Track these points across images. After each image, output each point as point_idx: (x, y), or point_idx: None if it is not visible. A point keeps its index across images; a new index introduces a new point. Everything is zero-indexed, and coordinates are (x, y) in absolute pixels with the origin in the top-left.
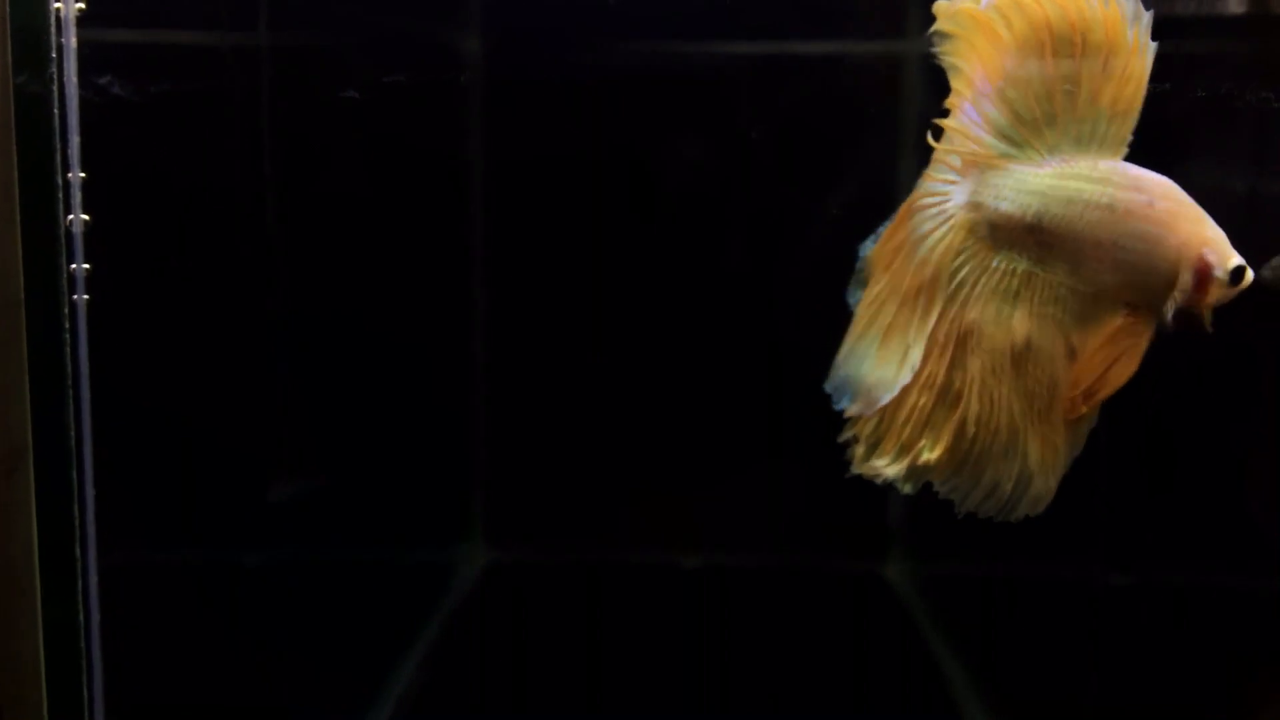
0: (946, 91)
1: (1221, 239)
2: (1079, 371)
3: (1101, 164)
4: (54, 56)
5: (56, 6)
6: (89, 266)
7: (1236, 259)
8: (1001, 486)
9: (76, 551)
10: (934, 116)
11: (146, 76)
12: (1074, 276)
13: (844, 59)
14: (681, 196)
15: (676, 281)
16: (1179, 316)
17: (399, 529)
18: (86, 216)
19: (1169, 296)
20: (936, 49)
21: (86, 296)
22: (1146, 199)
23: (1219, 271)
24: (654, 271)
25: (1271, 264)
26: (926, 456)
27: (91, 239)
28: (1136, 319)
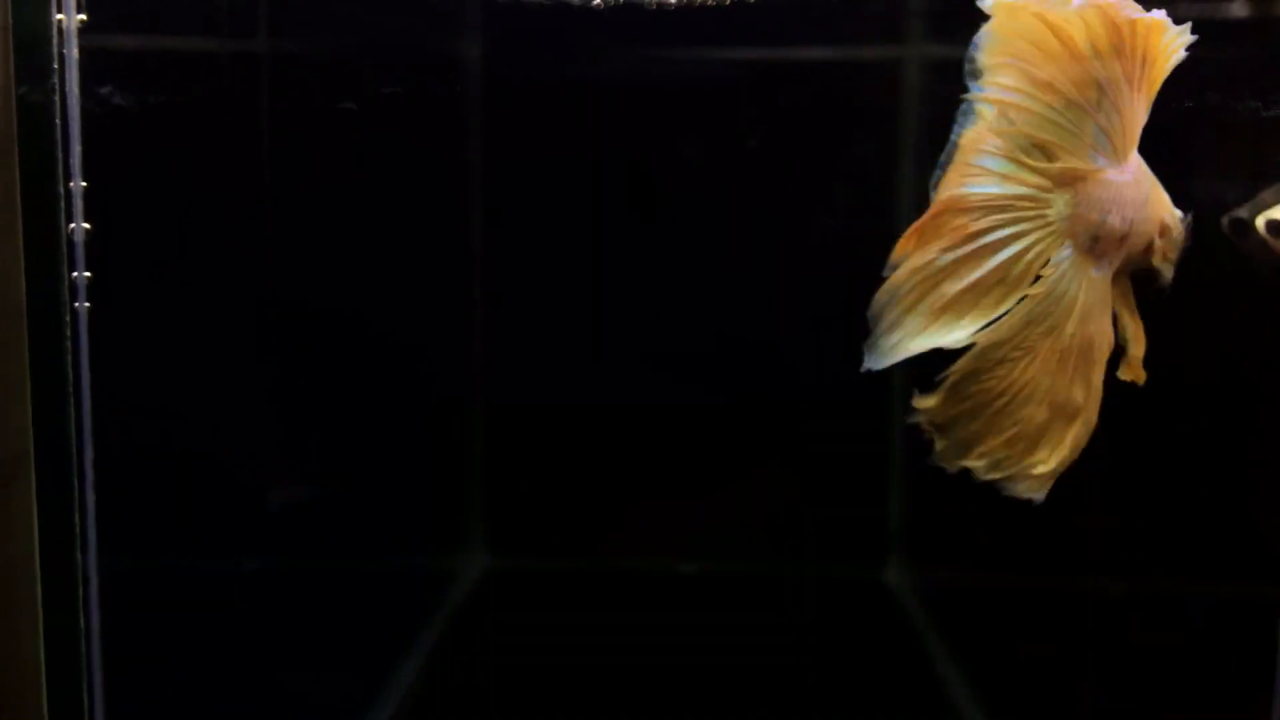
0: (945, 96)
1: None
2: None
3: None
4: (55, 67)
5: (58, 18)
6: (90, 274)
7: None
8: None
9: (77, 557)
10: (932, 121)
11: (147, 86)
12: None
13: (844, 64)
14: (681, 201)
15: (676, 287)
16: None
17: (398, 534)
18: (88, 225)
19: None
20: (989, 52)
21: (88, 304)
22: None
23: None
24: (654, 277)
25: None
26: (1042, 470)
27: (93, 247)
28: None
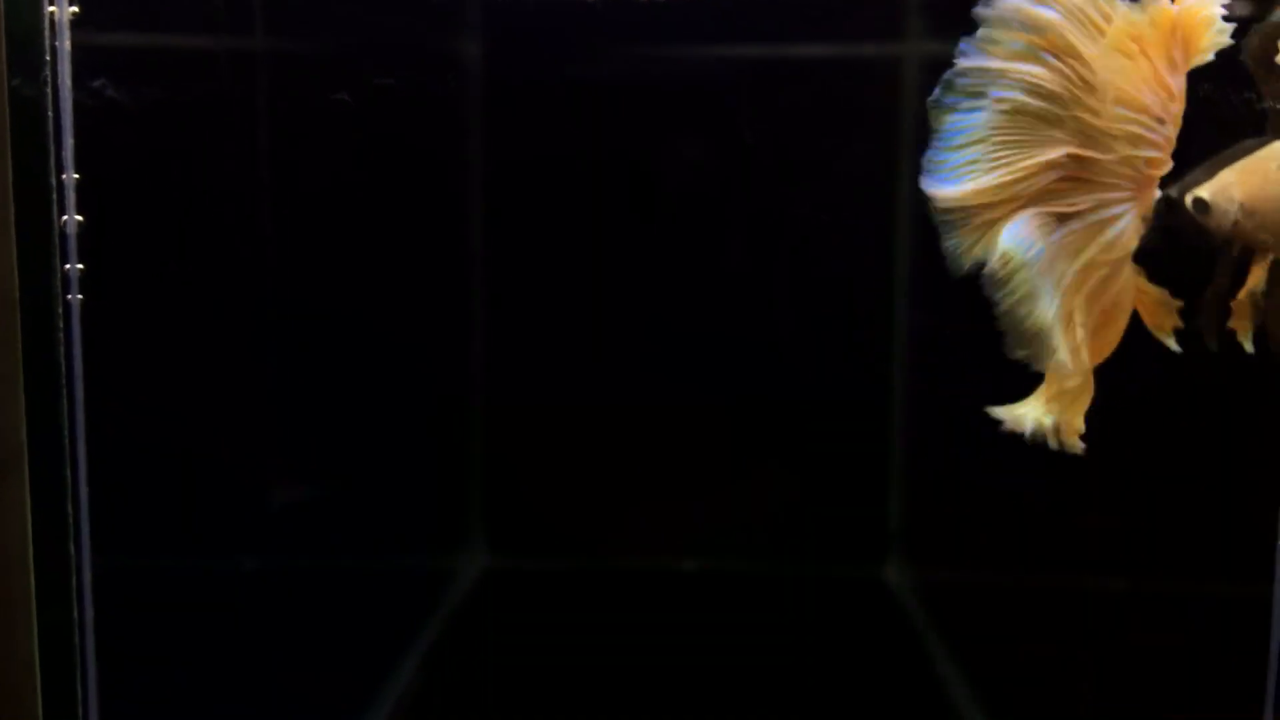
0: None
1: None
2: None
3: None
4: (48, 60)
5: (50, 10)
6: (83, 267)
7: None
8: None
9: (71, 552)
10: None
11: (140, 79)
12: None
13: (843, 62)
14: (682, 198)
15: (676, 285)
16: None
17: (397, 533)
18: (80, 218)
19: None
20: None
21: (81, 297)
22: None
23: None
24: (654, 275)
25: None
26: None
27: (86, 240)
28: None
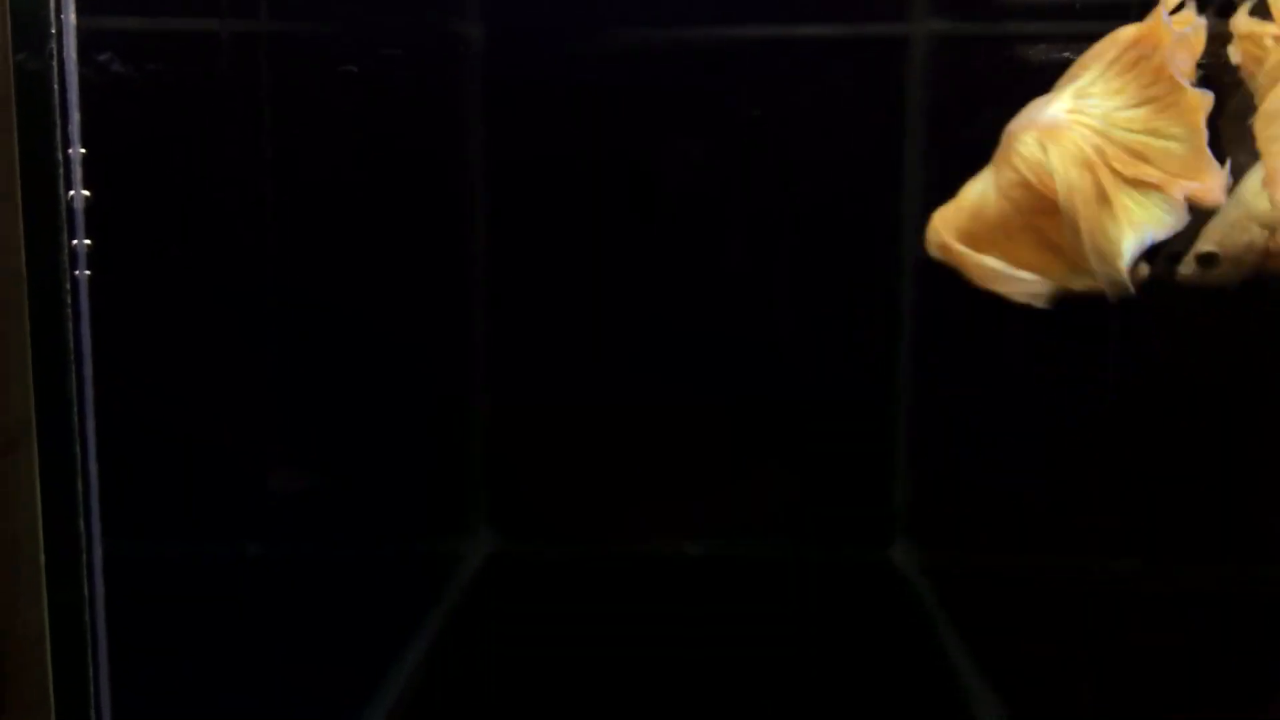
0: (950, 78)
1: None
2: None
3: None
4: (53, 34)
5: None
6: (90, 242)
7: None
8: None
9: (80, 527)
10: (938, 104)
11: (146, 54)
12: None
13: (847, 46)
14: (683, 188)
15: (680, 269)
16: None
17: (403, 519)
18: (87, 192)
19: None
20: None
21: (88, 272)
22: None
23: None
24: (657, 260)
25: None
26: None
27: (92, 216)
28: None
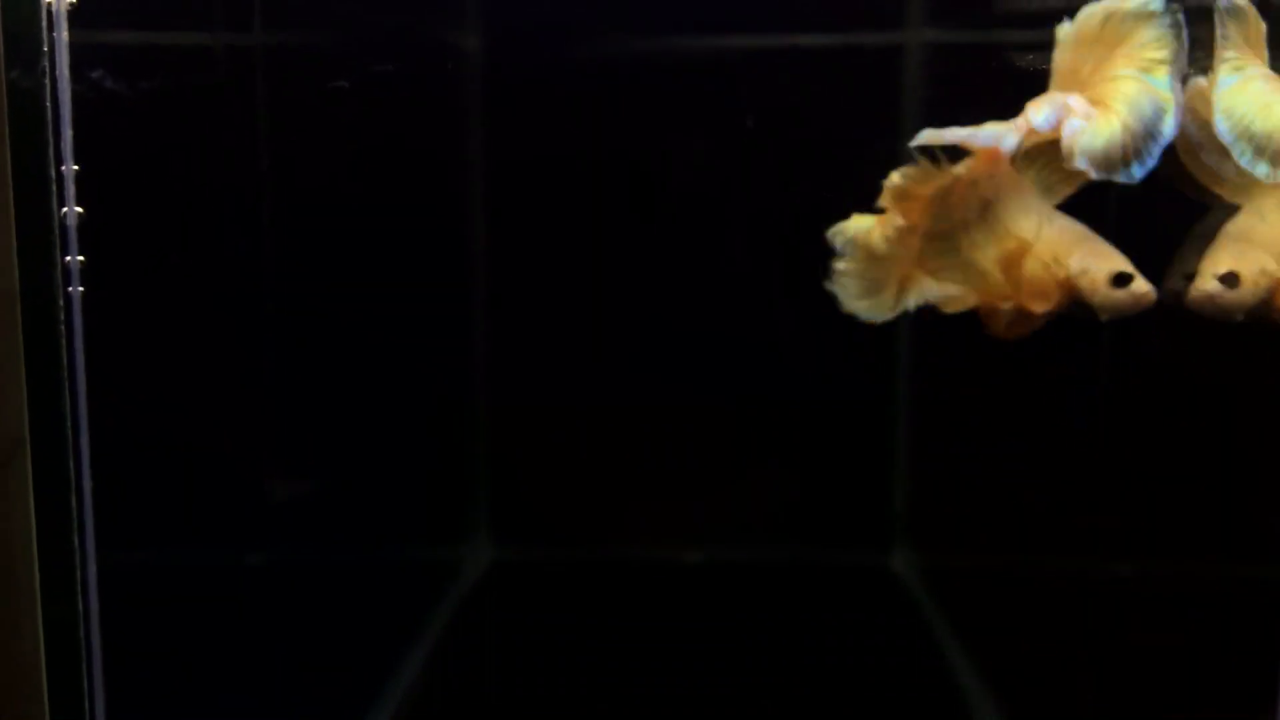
0: (944, 83)
1: None
2: None
3: None
4: (46, 51)
5: (48, 2)
6: (83, 259)
7: None
8: None
9: (75, 542)
10: (934, 108)
11: (138, 70)
12: None
13: (844, 51)
14: (682, 190)
15: (679, 274)
16: None
17: (403, 526)
18: (80, 209)
19: None
20: None
21: (81, 289)
22: None
23: None
24: (656, 265)
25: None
26: None
27: (85, 232)
28: None
